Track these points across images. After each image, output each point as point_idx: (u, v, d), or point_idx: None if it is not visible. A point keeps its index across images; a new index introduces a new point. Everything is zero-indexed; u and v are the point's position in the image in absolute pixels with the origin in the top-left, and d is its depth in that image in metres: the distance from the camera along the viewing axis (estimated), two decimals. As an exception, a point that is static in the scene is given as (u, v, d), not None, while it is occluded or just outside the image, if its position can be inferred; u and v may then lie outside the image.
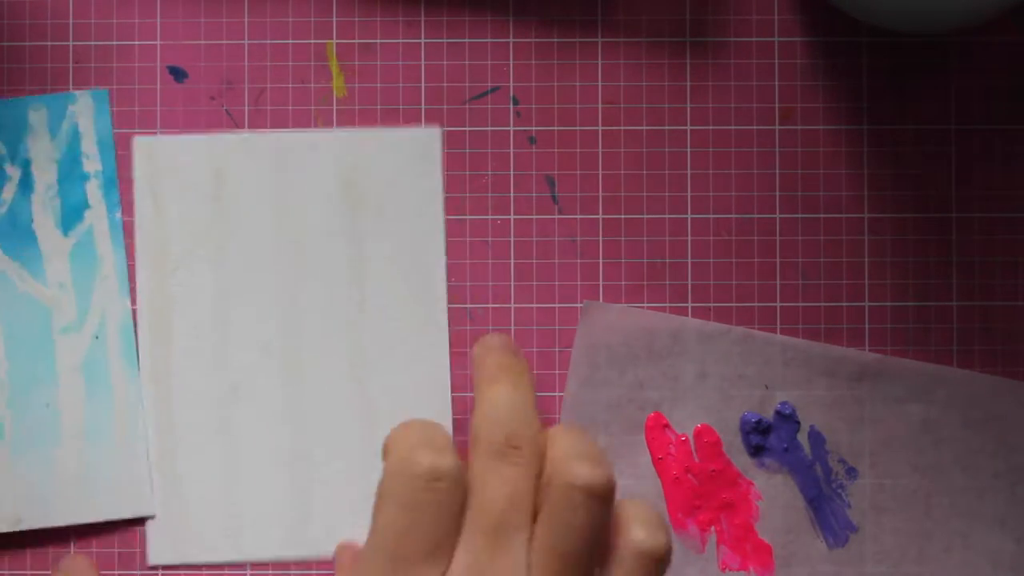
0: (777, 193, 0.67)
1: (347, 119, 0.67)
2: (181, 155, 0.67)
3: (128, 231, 0.67)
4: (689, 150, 0.67)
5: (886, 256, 0.68)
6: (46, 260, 0.66)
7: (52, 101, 0.67)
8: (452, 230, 0.67)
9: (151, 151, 0.67)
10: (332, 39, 0.67)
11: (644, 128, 0.67)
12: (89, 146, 0.66)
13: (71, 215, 0.66)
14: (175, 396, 0.67)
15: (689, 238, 0.67)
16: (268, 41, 0.67)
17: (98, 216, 0.67)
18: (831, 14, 0.67)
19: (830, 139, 0.67)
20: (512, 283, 0.68)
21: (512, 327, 0.68)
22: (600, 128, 0.67)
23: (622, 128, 0.67)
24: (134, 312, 0.67)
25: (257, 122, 0.67)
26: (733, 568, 0.67)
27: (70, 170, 0.66)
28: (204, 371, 0.67)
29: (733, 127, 0.67)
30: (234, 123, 0.67)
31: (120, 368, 0.66)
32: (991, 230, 0.67)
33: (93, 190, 0.66)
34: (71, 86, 0.67)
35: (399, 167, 0.67)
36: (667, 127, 0.67)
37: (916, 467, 0.67)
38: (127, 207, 0.67)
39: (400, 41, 0.67)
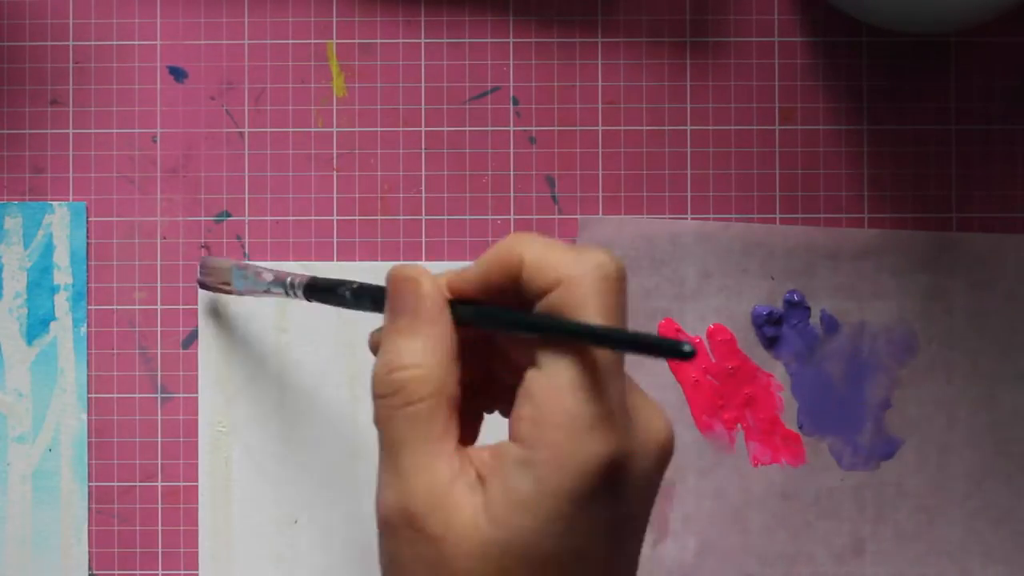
0: (777, 193, 0.67)
1: (347, 119, 0.67)
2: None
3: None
4: (689, 150, 0.67)
5: (886, 256, 0.67)
6: (7, 367, 0.66)
7: (29, 209, 0.66)
8: (452, 230, 0.67)
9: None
10: (332, 39, 0.67)
11: (644, 128, 0.67)
12: (62, 258, 0.66)
13: (36, 326, 0.66)
14: (235, 523, 0.66)
15: (689, 238, 0.67)
16: (268, 41, 0.67)
17: (63, 329, 0.66)
18: (831, 14, 0.67)
19: (830, 139, 0.67)
20: (512, 283, 0.67)
21: (512, 327, 0.67)
22: (600, 128, 0.67)
23: (622, 128, 0.67)
24: (84, 430, 0.66)
25: (257, 122, 0.67)
26: (765, 462, 0.66)
27: (40, 280, 0.66)
28: (264, 502, 0.66)
29: (733, 127, 0.67)
30: (234, 123, 0.67)
31: (70, 481, 0.66)
32: (991, 230, 0.67)
33: (61, 303, 0.66)
34: (71, 84, 0.67)
35: None
36: (667, 127, 0.67)
37: (932, 337, 0.66)
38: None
39: (400, 41, 0.67)
